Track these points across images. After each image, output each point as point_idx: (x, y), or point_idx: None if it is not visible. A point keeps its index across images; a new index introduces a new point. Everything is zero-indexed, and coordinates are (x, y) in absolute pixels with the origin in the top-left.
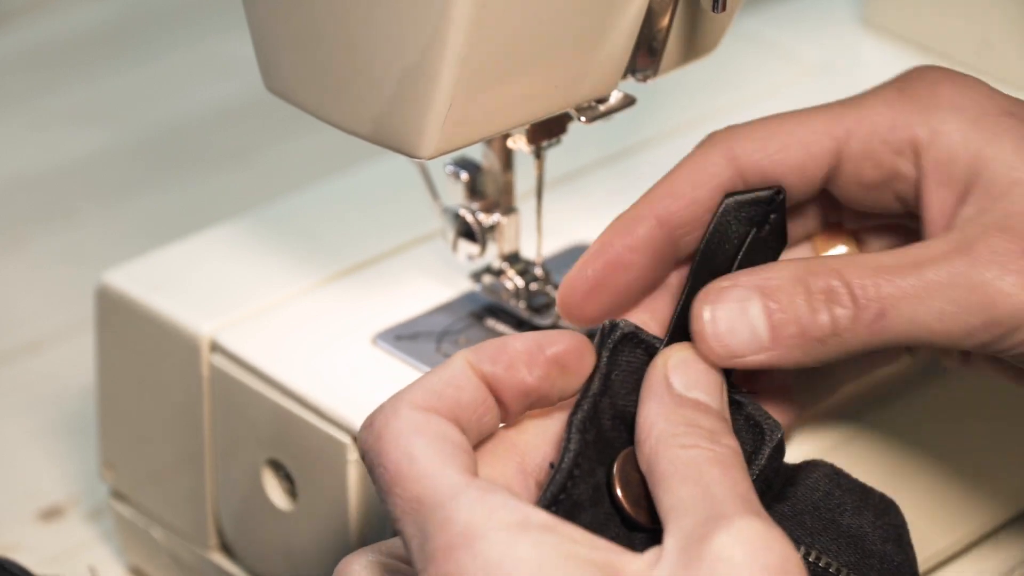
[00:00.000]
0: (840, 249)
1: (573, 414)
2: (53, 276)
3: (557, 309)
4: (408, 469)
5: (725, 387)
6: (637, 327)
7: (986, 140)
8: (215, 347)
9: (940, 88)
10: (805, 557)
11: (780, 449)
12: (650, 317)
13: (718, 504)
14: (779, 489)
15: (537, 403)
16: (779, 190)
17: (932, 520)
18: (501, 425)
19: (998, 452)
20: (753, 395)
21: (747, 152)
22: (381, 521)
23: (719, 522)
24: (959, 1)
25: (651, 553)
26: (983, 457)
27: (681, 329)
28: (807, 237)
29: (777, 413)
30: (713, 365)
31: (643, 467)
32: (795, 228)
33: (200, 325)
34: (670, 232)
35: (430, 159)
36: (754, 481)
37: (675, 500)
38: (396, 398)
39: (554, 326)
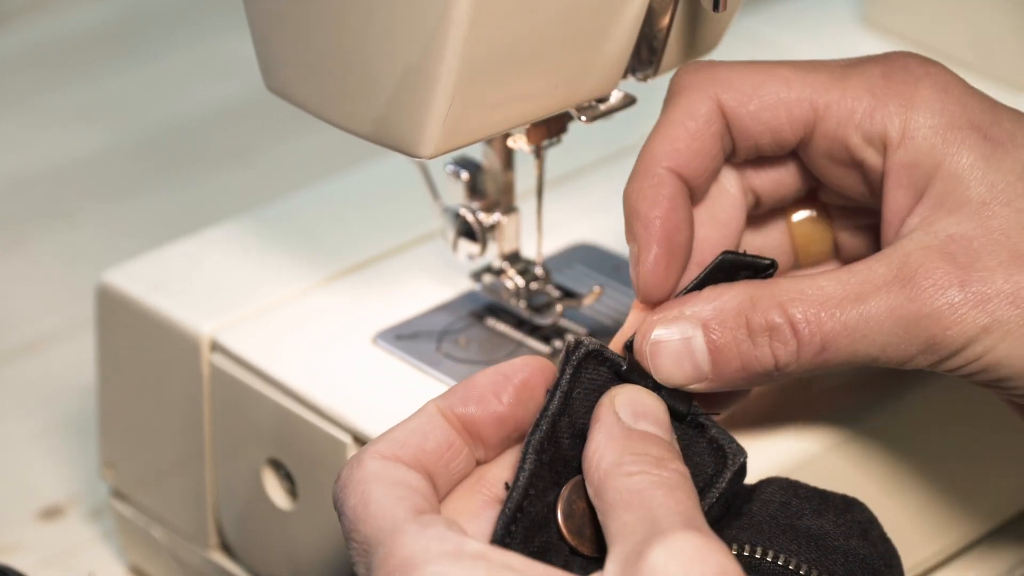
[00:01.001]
0: (813, 212)
1: (531, 434)
2: (53, 276)
3: (640, 299)
4: (362, 512)
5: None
6: (602, 345)
7: (948, 153)
8: (215, 347)
9: (920, 87)
10: (763, 558)
11: (742, 472)
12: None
13: (657, 523)
14: (736, 508)
15: (515, 432)
16: (773, 263)
17: (925, 524)
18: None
19: (990, 456)
20: (716, 415)
21: (730, 103)
22: None
23: (656, 538)
24: (959, 1)
25: None
26: (975, 462)
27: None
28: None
29: None
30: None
31: (592, 498)
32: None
33: (200, 325)
34: (687, 180)
35: (430, 159)
36: (715, 503)
37: (619, 526)
38: (362, 450)
39: (554, 326)
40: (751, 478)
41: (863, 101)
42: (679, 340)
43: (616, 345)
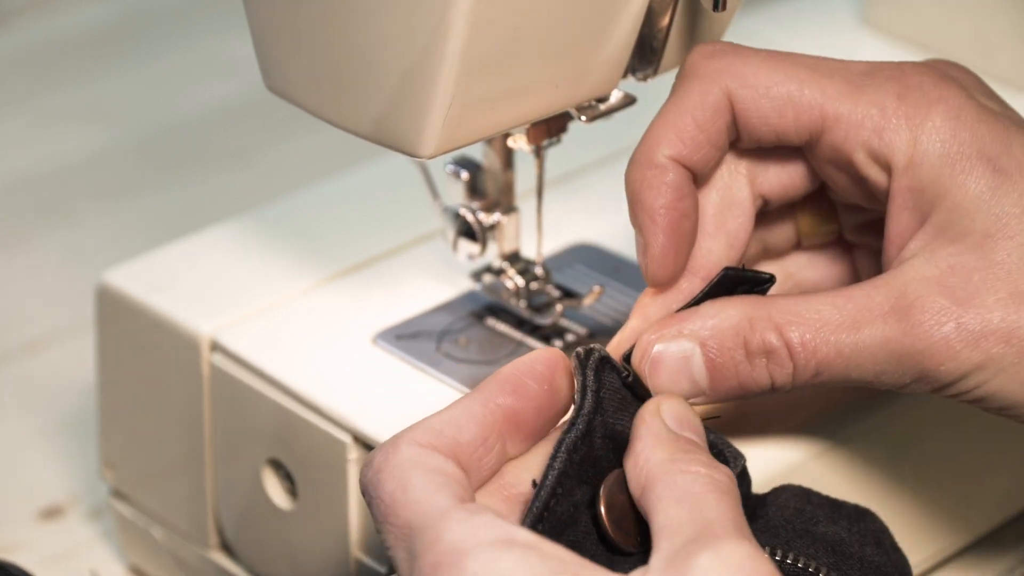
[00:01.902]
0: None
1: (567, 432)
2: (53, 276)
3: (649, 286)
4: (402, 497)
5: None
6: (608, 353)
7: (954, 183)
8: (215, 347)
9: (932, 112)
10: (783, 559)
11: (744, 476)
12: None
13: (709, 525)
14: (750, 513)
15: (549, 421)
16: (772, 277)
17: (917, 529)
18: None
19: (983, 460)
20: (716, 418)
21: (742, 98)
22: None
23: (708, 541)
24: (959, 1)
25: (637, 572)
26: (967, 465)
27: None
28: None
29: None
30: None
31: (636, 491)
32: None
33: (200, 325)
34: (690, 168)
35: (430, 159)
36: None
37: (667, 519)
38: (397, 436)
39: (554, 326)
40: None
41: (873, 119)
42: (678, 357)
43: (614, 350)
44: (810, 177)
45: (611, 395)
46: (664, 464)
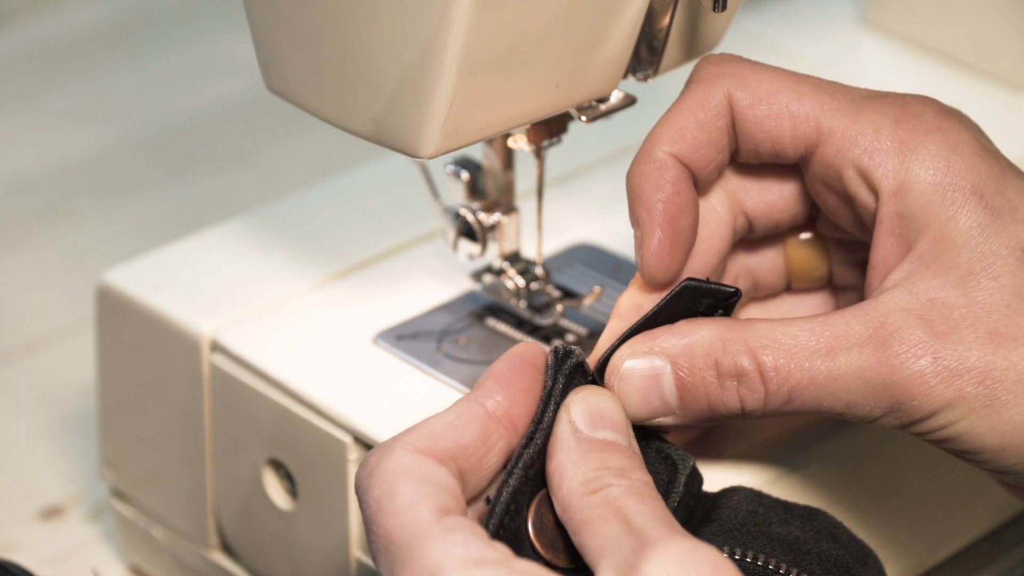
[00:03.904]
0: (801, 236)
1: (524, 447)
2: (53, 276)
3: (646, 281)
4: (387, 505)
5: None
6: (586, 358)
7: (944, 215)
8: (215, 347)
9: (928, 141)
10: (743, 559)
11: (695, 476)
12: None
13: (641, 533)
14: (702, 515)
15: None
16: (736, 292)
17: (920, 527)
18: None
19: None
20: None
21: (741, 103)
22: None
23: (645, 550)
24: (959, 1)
25: None
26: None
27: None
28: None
29: None
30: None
31: (561, 517)
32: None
33: (200, 325)
34: (690, 167)
35: (430, 159)
36: (674, 510)
37: (600, 540)
38: (394, 438)
39: (554, 326)
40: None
41: (867, 137)
42: (648, 374)
43: (593, 357)
44: (796, 201)
45: None
46: (577, 487)
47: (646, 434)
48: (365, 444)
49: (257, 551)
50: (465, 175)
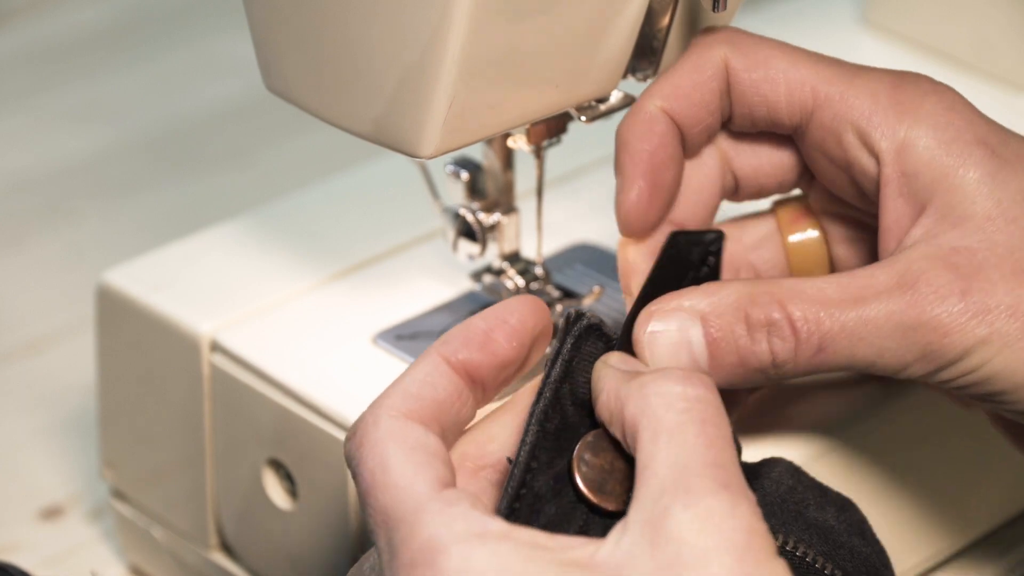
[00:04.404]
0: (811, 233)
1: (535, 403)
2: (53, 276)
3: (620, 230)
4: (381, 478)
5: None
6: (601, 320)
7: (953, 165)
8: (215, 347)
9: (926, 101)
10: (783, 546)
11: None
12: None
13: (686, 474)
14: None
15: (512, 375)
16: (720, 233)
17: (919, 527)
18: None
19: (983, 460)
20: None
21: (737, 67)
22: None
23: (684, 497)
24: (959, 1)
25: (615, 530)
26: (967, 465)
27: (628, 342)
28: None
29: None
30: None
31: (618, 434)
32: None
33: (200, 325)
34: (679, 124)
35: (430, 159)
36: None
37: (646, 456)
38: (376, 405)
39: (554, 326)
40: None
41: (864, 101)
42: (676, 332)
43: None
44: (785, 168)
45: (586, 365)
46: (635, 391)
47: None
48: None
49: (257, 551)
50: (465, 175)
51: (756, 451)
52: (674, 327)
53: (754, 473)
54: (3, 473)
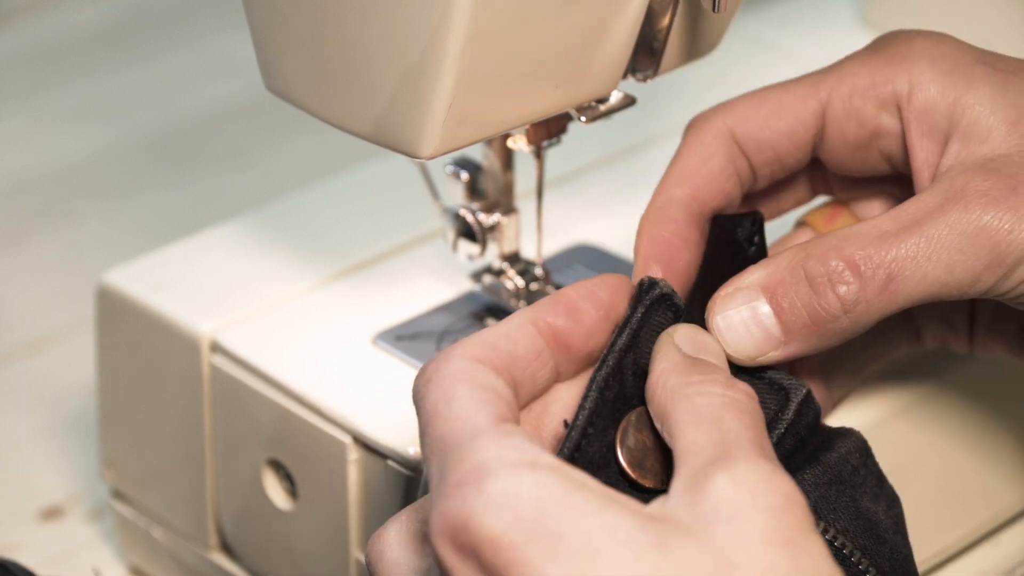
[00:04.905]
0: (851, 222)
1: (597, 370)
2: (53, 276)
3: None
4: (443, 410)
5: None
6: (672, 290)
7: (961, 89)
8: (215, 347)
9: (914, 43)
10: (822, 533)
11: (809, 403)
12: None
13: (727, 447)
14: (812, 451)
15: (599, 347)
16: (758, 213)
17: (920, 527)
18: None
19: (984, 460)
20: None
21: (740, 124)
22: (381, 521)
23: (724, 463)
24: (959, 1)
25: (659, 498)
26: (968, 465)
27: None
28: (797, 204)
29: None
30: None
31: (657, 421)
32: (784, 200)
33: (200, 325)
34: (700, 206)
35: (430, 159)
36: (783, 436)
37: (687, 444)
38: (451, 347)
39: None
40: None
41: (861, 74)
42: (745, 310)
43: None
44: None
45: (654, 336)
46: (680, 388)
47: (755, 370)
48: (365, 445)
49: (257, 551)
50: (465, 175)
51: None
52: (742, 308)
53: (827, 439)
54: (3, 473)
